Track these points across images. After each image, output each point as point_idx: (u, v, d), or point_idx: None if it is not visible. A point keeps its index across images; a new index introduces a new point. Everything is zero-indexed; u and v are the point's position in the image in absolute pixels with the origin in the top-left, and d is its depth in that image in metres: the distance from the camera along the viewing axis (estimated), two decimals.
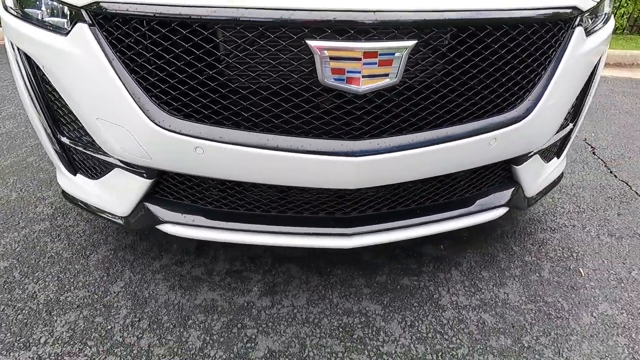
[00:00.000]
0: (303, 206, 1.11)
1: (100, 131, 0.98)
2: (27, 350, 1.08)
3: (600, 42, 1.14)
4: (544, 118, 1.04)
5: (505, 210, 1.25)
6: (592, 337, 1.16)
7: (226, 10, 0.79)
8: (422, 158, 0.96)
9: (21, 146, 2.23)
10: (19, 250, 1.44)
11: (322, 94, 0.87)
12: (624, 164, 2.21)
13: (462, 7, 0.81)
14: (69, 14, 0.92)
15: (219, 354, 1.08)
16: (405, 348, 1.11)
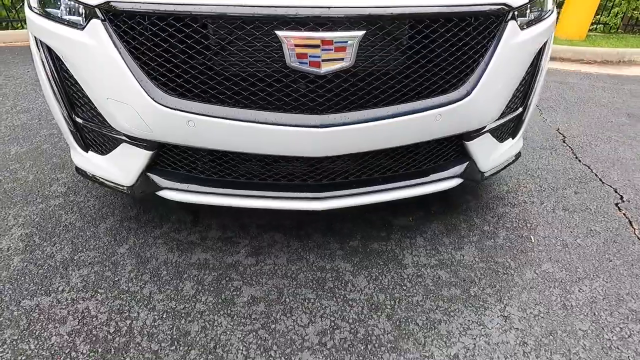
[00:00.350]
0: (281, 174, 1.30)
1: (109, 109, 1.17)
2: (48, 296, 1.28)
3: (537, 35, 1.32)
4: (483, 99, 1.22)
5: (460, 181, 1.43)
6: (531, 289, 1.34)
7: (211, 7, 0.99)
8: (377, 130, 1.14)
9: (35, 136, 2.44)
10: (38, 220, 1.64)
11: (290, 75, 1.06)
12: (590, 150, 2.38)
13: (401, 4, 1.00)
14: (85, 12, 1.12)
15: (209, 299, 1.28)
16: (368, 296, 1.30)
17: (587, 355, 1.12)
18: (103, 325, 1.18)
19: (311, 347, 1.12)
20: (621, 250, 1.54)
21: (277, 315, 1.22)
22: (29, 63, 4.26)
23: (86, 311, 1.22)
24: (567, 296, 1.31)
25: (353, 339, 1.15)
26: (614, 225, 1.68)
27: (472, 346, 1.14)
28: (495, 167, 1.56)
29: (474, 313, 1.24)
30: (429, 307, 1.26)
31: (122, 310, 1.23)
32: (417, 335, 1.17)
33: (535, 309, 1.26)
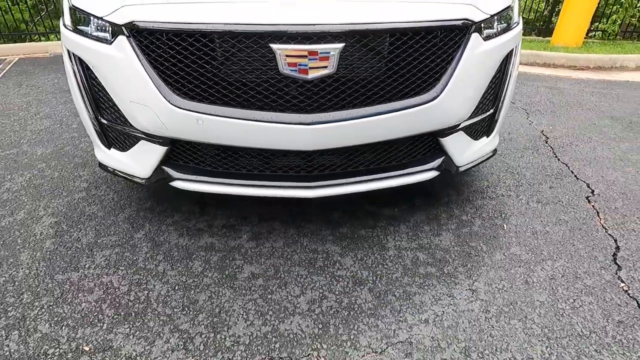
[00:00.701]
0: (277, 167, 1.50)
1: (132, 111, 1.39)
2: (77, 271, 1.48)
3: (501, 44, 1.51)
4: (451, 100, 1.41)
5: (436, 173, 1.61)
6: (498, 268, 1.51)
7: (217, 25, 1.20)
8: (358, 127, 1.34)
9: (58, 139, 2.68)
10: (64, 210, 1.86)
11: (282, 81, 1.26)
12: (570, 150, 2.54)
13: (373, 21, 1.20)
14: (112, 30, 1.34)
15: (215, 275, 1.47)
16: (354, 273, 1.48)
17: (541, 320, 1.28)
18: (124, 294, 1.38)
19: (302, 313, 1.31)
20: (585, 236, 1.70)
21: (273, 288, 1.41)
22: (48, 73, 4.56)
23: (109, 284, 1.42)
24: (530, 274, 1.48)
25: (338, 307, 1.33)
26: (582, 215, 1.85)
27: (441, 313, 1.31)
28: (470, 162, 1.73)
29: (445, 287, 1.42)
30: (406, 282, 1.44)
31: (140, 283, 1.43)
32: (394, 304, 1.35)
33: (500, 284, 1.43)
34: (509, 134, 2.79)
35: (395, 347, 1.19)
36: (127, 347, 1.18)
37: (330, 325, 1.26)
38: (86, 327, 1.25)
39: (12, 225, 1.75)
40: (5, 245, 1.62)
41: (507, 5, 1.55)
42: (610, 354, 1.17)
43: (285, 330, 1.24)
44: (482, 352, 1.17)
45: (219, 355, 1.16)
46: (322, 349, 1.18)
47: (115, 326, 1.25)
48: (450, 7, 1.33)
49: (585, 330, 1.25)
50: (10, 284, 1.42)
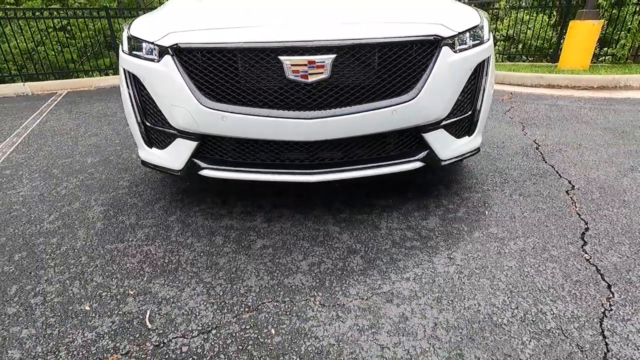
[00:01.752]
0: (285, 159, 1.82)
1: (172, 112, 1.76)
2: (122, 243, 1.81)
3: (471, 56, 1.81)
4: (427, 101, 1.71)
5: (421, 164, 1.88)
6: (476, 242, 1.74)
7: (238, 44, 1.58)
8: (350, 120, 1.65)
9: (104, 151, 3.13)
10: (111, 202, 2.23)
11: (288, 84, 1.61)
12: (558, 155, 2.75)
13: (357, 37, 1.55)
14: (159, 51, 1.75)
15: (233, 246, 1.76)
16: (349, 245, 1.74)
17: (507, 279, 1.49)
18: (160, 258, 1.69)
19: (303, 272, 1.57)
20: (559, 220, 1.90)
21: (281, 255, 1.69)
22: (93, 102, 5.19)
23: (148, 251, 1.74)
24: (503, 247, 1.70)
25: (333, 268, 1.59)
26: (559, 204, 2.05)
27: (421, 273, 1.54)
28: (453, 157, 2.00)
29: (427, 256, 1.65)
30: (393, 252, 1.68)
31: (172, 251, 1.74)
32: (381, 267, 1.59)
33: (475, 254, 1.65)
34: (502, 143, 3.03)
35: (378, 295, 1.43)
36: (162, 292, 1.47)
37: (325, 281, 1.52)
38: (131, 279, 1.55)
39: (70, 212, 2.13)
40: (65, 225, 1.98)
41: (475, 25, 1.88)
42: (563, 303, 1.36)
43: (289, 283, 1.51)
44: (451, 300, 1.39)
45: (234, 299, 1.43)
46: (317, 296, 1.44)
47: (153, 279, 1.55)
48: (422, 26, 1.67)
49: (544, 286, 1.45)
50: (71, 251, 1.76)
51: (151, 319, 1.34)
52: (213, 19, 1.79)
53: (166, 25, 1.78)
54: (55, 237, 1.88)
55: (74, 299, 1.45)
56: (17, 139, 3.53)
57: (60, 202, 2.24)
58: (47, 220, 2.04)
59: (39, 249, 1.79)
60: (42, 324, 1.34)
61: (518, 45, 8.48)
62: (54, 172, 2.70)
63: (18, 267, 1.65)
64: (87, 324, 1.33)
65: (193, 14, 1.94)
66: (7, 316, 1.38)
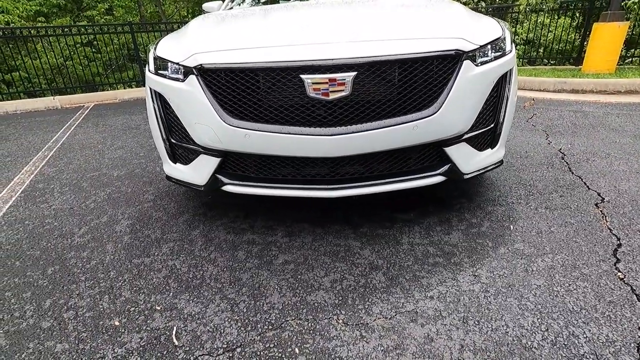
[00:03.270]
0: (307, 174, 1.83)
1: (196, 130, 1.81)
2: (148, 257, 1.86)
3: (492, 69, 1.79)
4: (449, 115, 1.69)
5: (443, 178, 1.86)
6: (501, 259, 1.69)
7: (260, 64, 1.61)
8: (370, 136, 1.66)
9: (129, 164, 3.23)
10: (137, 215, 2.30)
11: (309, 102, 1.63)
12: (586, 165, 2.66)
13: (379, 54, 1.56)
14: (184, 71, 1.80)
15: (255, 261, 1.78)
16: (370, 261, 1.73)
17: (536, 299, 1.45)
18: (184, 273, 1.72)
19: (325, 289, 1.57)
20: (589, 236, 1.83)
21: (302, 271, 1.69)
22: (118, 115, 5.38)
23: (173, 266, 1.78)
24: (530, 264, 1.65)
25: (356, 285, 1.58)
26: (589, 218, 1.98)
27: (445, 291, 1.52)
28: (476, 170, 1.97)
29: (450, 273, 1.62)
30: (416, 269, 1.66)
31: (196, 266, 1.77)
32: (404, 284, 1.57)
33: (501, 271, 1.62)
34: (525, 152, 2.96)
35: (402, 314, 1.41)
36: (188, 308, 1.50)
37: (348, 298, 1.51)
38: (157, 294, 1.59)
39: (99, 225, 2.20)
40: (94, 239, 2.06)
41: (497, 37, 1.86)
42: (597, 325, 1.31)
43: (312, 301, 1.51)
44: (478, 321, 1.36)
45: (258, 316, 1.44)
46: (341, 314, 1.43)
47: (178, 294, 1.59)
48: (442, 41, 1.67)
49: (576, 307, 1.40)
50: (100, 265, 1.82)
51: (178, 336, 1.37)
52: (235, 39, 1.84)
53: (190, 46, 1.84)
54: (85, 251, 1.95)
55: (104, 314, 1.50)
56: (48, 153, 3.70)
57: (89, 216, 2.32)
58: (78, 234, 2.12)
59: (71, 262, 1.86)
60: (74, 339, 1.38)
61: (539, 49, 8.29)
62: (83, 186, 2.80)
63: (51, 281, 1.72)
64: (117, 339, 1.37)
65: (216, 35, 1.99)
66: (42, 330, 1.43)
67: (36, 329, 1.44)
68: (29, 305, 1.57)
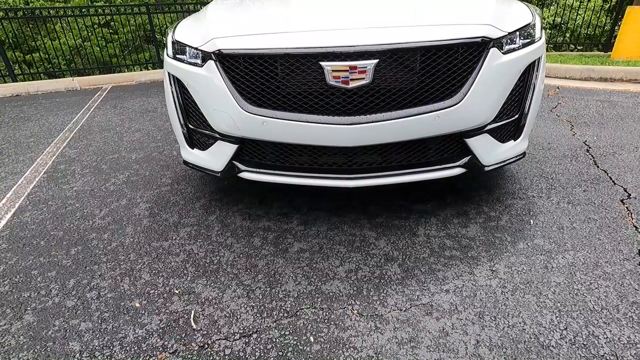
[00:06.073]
0: (324, 163, 1.81)
1: (214, 116, 1.80)
2: (166, 241, 1.90)
3: (520, 57, 1.71)
4: (472, 106, 1.64)
5: (463, 170, 1.82)
6: (520, 255, 1.66)
7: (279, 50, 1.58)
8: (391, 126, 1.62)
9: (147, 148, 3.27)
10: (155, 199, 2.34)
11: (329, 90, 1.60)
12: (612, 158, 2.57)
13: (402, 41, 1.50)
14: (203, 56, 1.78)
15: (270, 248, 1.80)
16: (386, 252, 1.73)
17: (555, 297, 1.42)
18: (202, 258, 1.75)
19: (340, 278, 1.58)
20: (613, 233, 1.78)
21: (318, 259, 1.70)
22: (135, 97, 5.42)
23: (191, 250, 1.81)
24: (550, 261, 1.62)
25: (371, 276, 1.58)
26: (613, 215, 1.92)
27: (461, 285, 1.50)
28: (497, 163, 1.91)
29: (467, 267, 1.61)
30: (432, 261, 1.65)
31: (213, 251, 1.80)
32: (420, 277, 1.57)
33: (520, 267, 1.59)
34: (548, 144, 2.87)
35: (417, 307, 1.41)
36: (205, 293, 1.54)
37: (363, 289, 1.52)
38: (175, 278, 1.63)
39: (118, 208, 2.25)
40: (114, 221, 2.11)
41: (527, 23, 1.77)
42: (618, 326, 1.28)
43: (327, 290, 1.52)
44: (494, 317, 1.35)
45: (273, 303, 1.47)
46: (355, 304, 1.44)
47: (196, 278, 1.62)
48: (468, 27, 1.60)
49: (597, 307, 1.37)
50: (120, 247, 1.87)
51: (196, 320, 1.40)
52: (254, 24, 1.80)
53: (209, 30, 1.81)
54: (106, 232, 2.00)
55: (125, 296, 1.54)
56: (69, 134, 3.77)
57: (109, 198, 2.38)
58: (99, 216, 2.17)
59: (92, 244, 1.91)
60: (97, 318, 1.44)
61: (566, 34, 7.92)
62: (102, 168, 2.86)
63: (75, 262, 1.78)
64: (138, 320, 1.42)
65: (235, 18, 1.96)
66: (67, 309, 1.49)
67: (61, 308, 1.50)
68: (54, 284, 1.63)
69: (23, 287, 1.62)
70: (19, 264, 1.78)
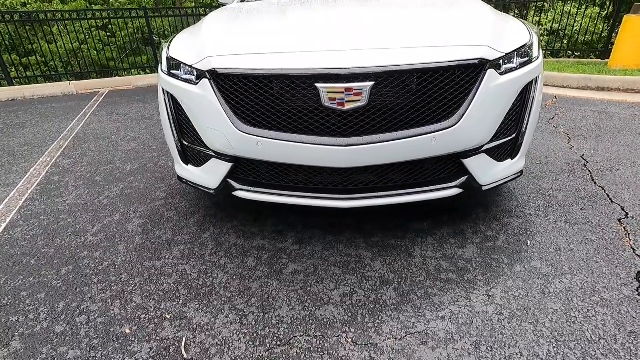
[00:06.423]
0: (319, 182, 1.79)
1: (208, 135, 1.78)
2: (159, 260, 1.87)
3: (518, 77, 1.70)
4: (469, 127, 1.62)
5: (460, 190, 1.80)
6: (517, 278, 1.64)
7: (275, 70, 1.56)
8: (386, 148, 1.60)
9: (142, 158, 3.24)
10: (149, 214, 2.31)
11: (324, 111, 1.58)
12: (609, 174, 2.55)
13: (398, 63, 1.48)
14: (197, 74, 1.76)
15: (265, 269, 1.77)
16: (382, 274, 1.70)
17: (552, 325, 1.40)
18: (194, 280, 1.72)
19: (334, 303, 1.55)
20: (610, 255, 1.76)
21: (312, 282, 1.68)
22: (132, 103, 5.39)
23: (184, 271, 1.78)
24: (547, 285, 1.60)
25: (366, 301, 1.56)
26: (611, 236, 1.90)
27: (457, 312, 1.48)
28: (494, 182, 1.90)
29: (464, 292, 1.59)
30: (428, 285, 1.63)
31: (206, 272, 1.77)
32: (415, 302, 1.54)
33: (517, 292, 1.57)
34: (545, 158, 2.85)
35: (413, 335, 1.39)
36: (197, 318, 1.51)
37: (358, 315, 1.49)
38: (167, 302, 1.60)
39: (111, 224, 2.22)
40: (107, 238, 2.07)
41: (524, 44, 1.75)
42: (616, 358, 1.26)
43: (321, 316, 1.49)
44: (491, 347, 1.33)
45: (267, 330, 1.44)
46: (350, 332, 1.42)
47: (188, 302, 1.59)
48: (465, 49, 1.58)
49: (594, 336, 1.35)
50: (112, 267, 1.84)
51: (187, 348, 1.37)
52: (250, 42, 1.78)
53: (204, 47, 1.79)
54: (98, 251, 1.97)
55: (115, 321, 1.51)
56: (63, 143, 3.73)
57: (102, 213, 2.34)
58: (91, 232, 2.14)
59: (84, 263, 1.88)
60: (86, 346, 1.41)
61: (563, 40, 7.94)
62: (96, 180, 2.82)
63: (65, 282, 1.75)
64: (128, 348, 1.39)
65: (230, 35, 1.93)
66: (56, 335, 1.46)
67: (50, 333, 1.47)
68: (43, 307, 1.60)
69: (11, 311, 1.59)
70: (8, 284, 1.75)
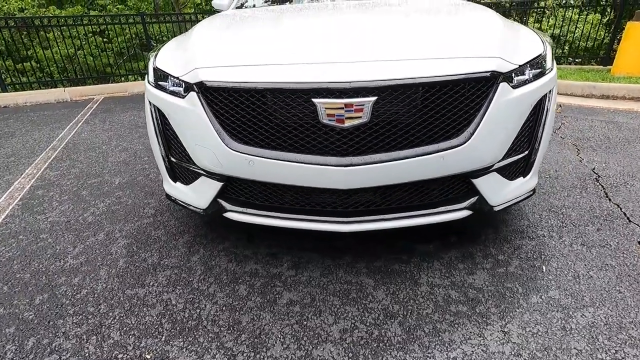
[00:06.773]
0: (316, 203, 1.65)
1: (196, 152, 1.64)
2: (143, 288, 1.72)
3: (531, 91, 1.57)
4: (480, 145, 1.49)
5: (469, 212, 1.66)
6: (534, 311, 1.50)
7: (268, 84, 1.42)
8: (390, 168, 1.46)
9: (132, 170, 3.10)
10: (135, 234, 2.16)
11: (322, 129, 1.44)
12: (624, 189, 2.42)
13: (403, 76, 1.35)
14: (185, 86, 1.62)
15: (257, 299, 1.62)
16: (385, 306, 1.55)
17: None
18: (180, 311, 1.57)
19: (333, 341, 1.40)
20: (634, 284, 1.62)
21: (309, 315, 1.53)
22: (126, 111, 5.25)
23: (169, 301, 1.63)
24: (568, 320, 1.45)
25: (368, 338, 1.41)
26: (632, 261, 1.76)
27: (470, 352, 1.33)
28: (506, 202, 1.76)
29: (476, 327, 1.44)
30: (436, 319, 1.48)
31: (193, 302, 1.62)
32: (423, 339, 1.39)
33: (535, 328, 1.42)
34: (555, 172, 2.72)
35: None
36: (180, 359, 1.35)
37: (359, 355, 1.34)
38: (148, 338, 1.45)
39: (94, 245, 2.07)
40: (88, 262, 1.92)
41: (538, 54, 1.63)
42: None
43: (318, 356, 1.34)
44: None
45: None
46: None
47: (171, 339, 1.44)
48: (476, 61, 1.45)
49: None
50: (91, 296, 1.69)
51: None
52: (241, 53, 1.65)
53: (193, 58, 1.66)
54: (77, 276, 1.82)
55: None
56: (52, 153, 3.59)
57: (85, 232, 2.19)
58: (71, 254, 1.99)
59: (60, 290, 1.73)
60: None
61: (564, 47, 7.85)
62: (83, 194, 2.68)
63: (38, 314, 1.59)
64: None
65: (220, 45, 1.80)
66: None
67: None
68: (11, 344, 1.45)
69: None
70: None
